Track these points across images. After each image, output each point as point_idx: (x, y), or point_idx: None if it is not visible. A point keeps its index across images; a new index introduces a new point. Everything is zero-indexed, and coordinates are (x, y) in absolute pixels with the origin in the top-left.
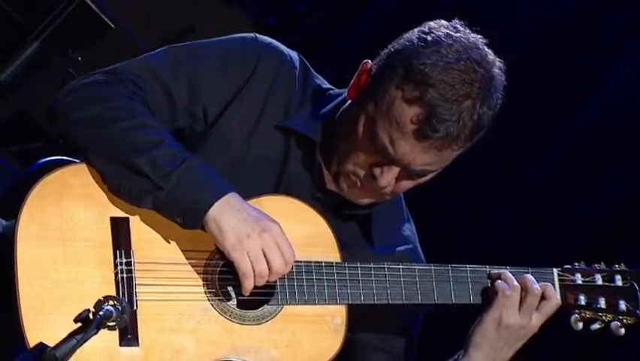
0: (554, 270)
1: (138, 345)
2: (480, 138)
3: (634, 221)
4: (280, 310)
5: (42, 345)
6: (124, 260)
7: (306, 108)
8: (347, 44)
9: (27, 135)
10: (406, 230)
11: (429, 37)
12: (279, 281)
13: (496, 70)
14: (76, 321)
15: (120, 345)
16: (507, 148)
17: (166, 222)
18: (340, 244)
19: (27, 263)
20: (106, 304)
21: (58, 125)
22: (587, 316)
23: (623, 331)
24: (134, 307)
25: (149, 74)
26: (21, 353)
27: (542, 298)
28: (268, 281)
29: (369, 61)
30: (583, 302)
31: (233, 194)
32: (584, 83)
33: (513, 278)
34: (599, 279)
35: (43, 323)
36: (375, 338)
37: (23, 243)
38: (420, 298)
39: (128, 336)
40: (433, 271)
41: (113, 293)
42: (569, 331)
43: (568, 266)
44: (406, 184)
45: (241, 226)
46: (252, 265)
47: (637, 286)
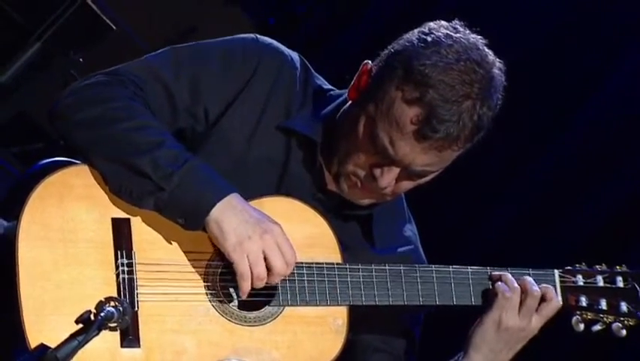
0: (555, 271)
1: (139, 346)
2: (480, 138)
3: (635, 221)
4: (281, 311)
5: (43, 346)
6: (125, 261)
7: (307, 109)
8: (347, 45)
9: (28, 136)
10: (407, 230)
11: (429, 38)
12: (280, 282)
13: (496, 70)
14: (77, 322)
15: (121, 346)
16: (507, 148)
17: (167, 223)
18: (341, 244)
19: (28, 264)
20: (107, 306)
21: (59, 126)
22: (589, 317)
23: (624, 332)
24: (136, 308)
25: (151, 75)
26: (22, 355)
27: (542, 300)
28: (270, 283)
29: (370, 61)
30: (584, 304)
31: (234, 195)
32: (584, 83)
33: (513, 280)
34: (600, 280)
35: (45, 324)
36: (376, 339)
37: (24, 244)
38: (421, 300)
39: (130, 337)
40: (434, 272)
41: (115, 294)
42: (570, 332)
43: (569, 267)
44: (407, 185)
45: (242, 227)
46: (250, 268)
47: (638, 288)
